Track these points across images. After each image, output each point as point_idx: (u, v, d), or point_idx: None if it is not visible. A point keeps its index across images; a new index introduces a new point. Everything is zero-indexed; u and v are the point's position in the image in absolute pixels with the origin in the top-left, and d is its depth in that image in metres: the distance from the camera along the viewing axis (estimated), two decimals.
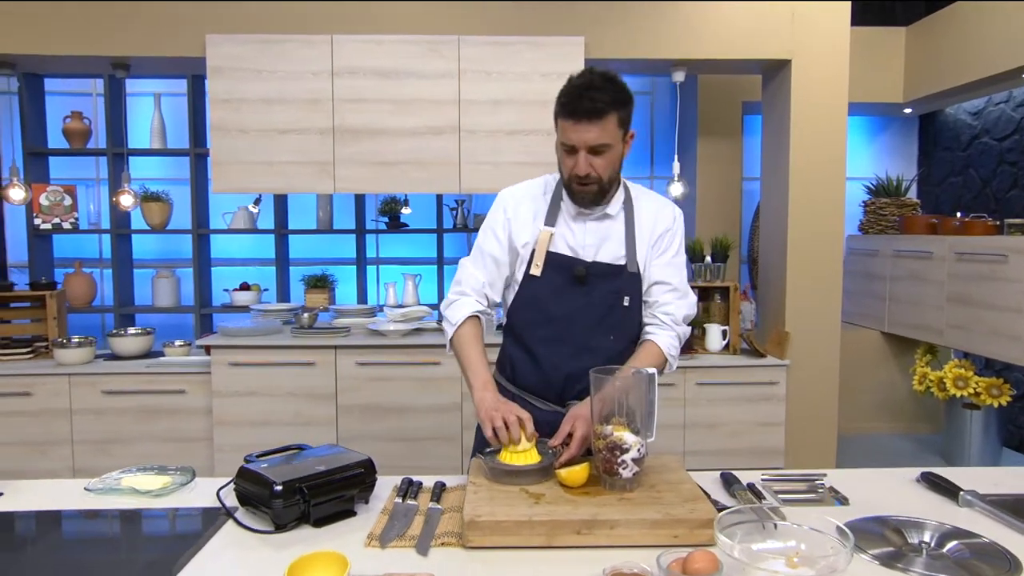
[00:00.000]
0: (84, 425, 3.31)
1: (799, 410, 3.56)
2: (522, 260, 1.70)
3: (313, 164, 3.39)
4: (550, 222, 1.69)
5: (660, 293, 1.71)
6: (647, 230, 1.72)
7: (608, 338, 1.68)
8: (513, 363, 1.74)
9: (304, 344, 3.32)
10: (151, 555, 1.27)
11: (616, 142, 1.59)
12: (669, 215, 1.75)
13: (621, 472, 1.38)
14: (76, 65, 3.60)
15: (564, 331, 1.67)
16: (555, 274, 1.66)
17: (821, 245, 3.55)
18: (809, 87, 3.47)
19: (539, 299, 1.68)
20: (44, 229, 4.22)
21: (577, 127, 1.53)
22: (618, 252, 1.68)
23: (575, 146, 1.56)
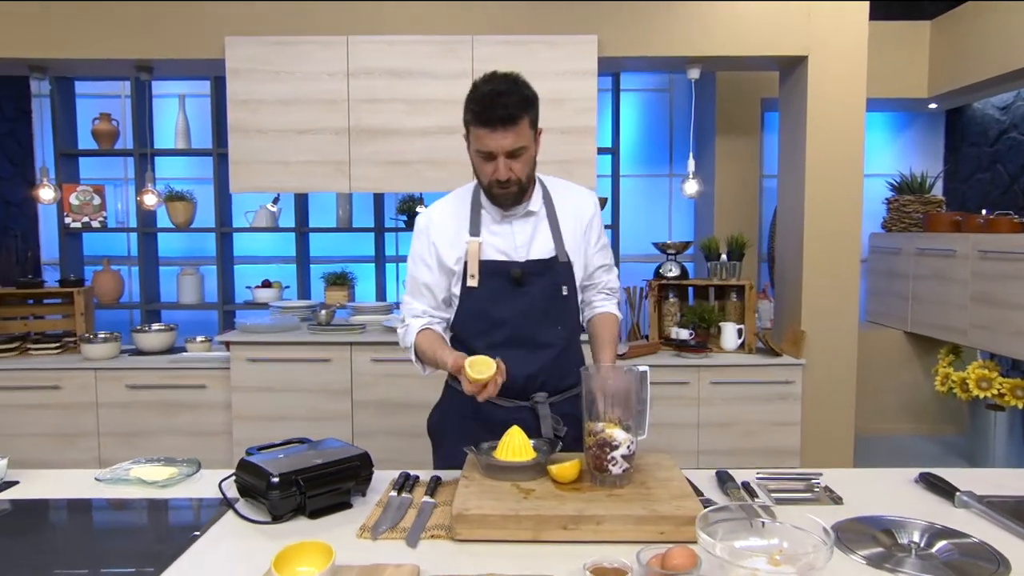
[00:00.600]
0: (109, 418, 3.41)
1: (815, 410, 3.53)
2: (457, 276, 1.73)
3: (329, 164, 3.44)
4: (474, 232, 1.71)
5: (600, 274, 1.86)
6: (571, 219, 1.77)
7: (556, 329, 1.72)
8: None
9: (320, 341, 3.38)
10: (152, 543, 1.31)
11: (530, 143, 1.64)
12: (589, 202, 1.82)
13: (611, 469, 1.39)
14: (102, 68, 3.71)
15: (513, 333, 1.69)
16: (492, 280, 1.69)
17: (838, 243, 3.50)
18: (826, 84, 3.43)
19: (482, 308, 1.70)
20: (74, 228, 4.35)
21: (493, 135, 1.57)
22: (548, 246, 1.72)
23: (493, 152, 1.59)
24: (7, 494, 1.51)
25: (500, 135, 1.56)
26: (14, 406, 3.38)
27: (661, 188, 4.94)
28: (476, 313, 1.71)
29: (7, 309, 3.71)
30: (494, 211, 1.71)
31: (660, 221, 4.97)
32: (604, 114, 4.64)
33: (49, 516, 1.41)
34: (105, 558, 1.24)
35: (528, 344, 1.69)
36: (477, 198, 1.73)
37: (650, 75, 4.84)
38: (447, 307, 1.77)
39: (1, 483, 1.55)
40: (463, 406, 1.74)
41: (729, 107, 4.45)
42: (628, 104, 4.85)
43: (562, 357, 1.72)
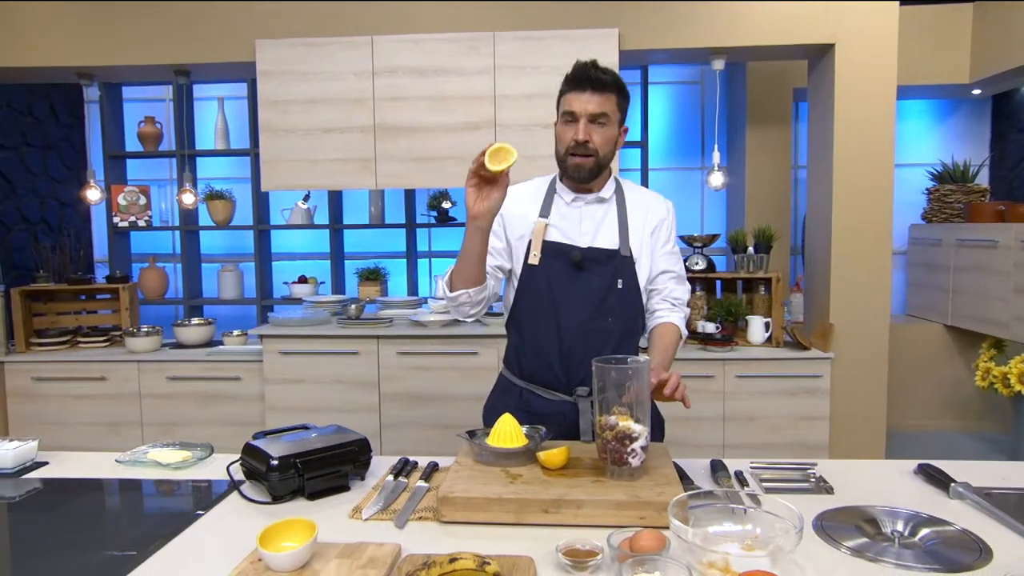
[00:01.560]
0: (152, 408, 3.57)
1: (845, 405, 3.46)
2: (519, 253, 1.77)
3: (356, 161, 3.53)
4: (544, 213, 1.75)
5: (666, 281, 1.83)
6: (640, 217, 1.79)
7: (607, 320, 1.74)
8: (519, 354, 1.80)
9: (347, 334, 3.47)
10: (160, 520, 1.40)
11: (614, 120, 1.68)
12: (663, 206, 1.84)
13: (631, 461, 1.39)
14: (143, 74, 3.88)
15: (565, 315, 1.72)
16: (553, 261, 1.73)
17: (868, 235, 3.43)
18: (854, 72, 3.36)
19: (539, 287, 1.74)
20: (121, 227, 4.56)
21: (580, 96, 1.65)
22: (612, 237, 1.75)
23: (576, 114, 1.65)
24: (37, 473, 1.63)
25: (587, 98, 1.63)
26: (65, 396, 3.58)
27: (693, 181, 4.90)
28: (533, 291, 1.74)
29: (60, 304, 3.92)
30: (566, 194, 1.75)
31: (692, 214, 4.93)
32: (633, 108, 4.63)
33: (72, 493, 1.51)
34: (115, 533, 1.33)
35: (578, 327, 1.71)
36: (553, 185, 1.79)
37: (681, 67, 4.80)
38: (500, 275, 1.79)
39: (32, 463, 1.67)
40: (509, 396, 1.82)
41: (760, 97, 4.39)
42: (659, 97, 4.83)
43: (609, 352, 1.67)
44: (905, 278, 4.80)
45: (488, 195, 1.55)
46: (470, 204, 1.55)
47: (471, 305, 1.71)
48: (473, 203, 1.55)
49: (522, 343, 1.79)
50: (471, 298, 1.69)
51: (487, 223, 1.58)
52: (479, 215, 1.55)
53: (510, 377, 1.84)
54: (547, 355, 1.74)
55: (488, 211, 1.55)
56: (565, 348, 1.72)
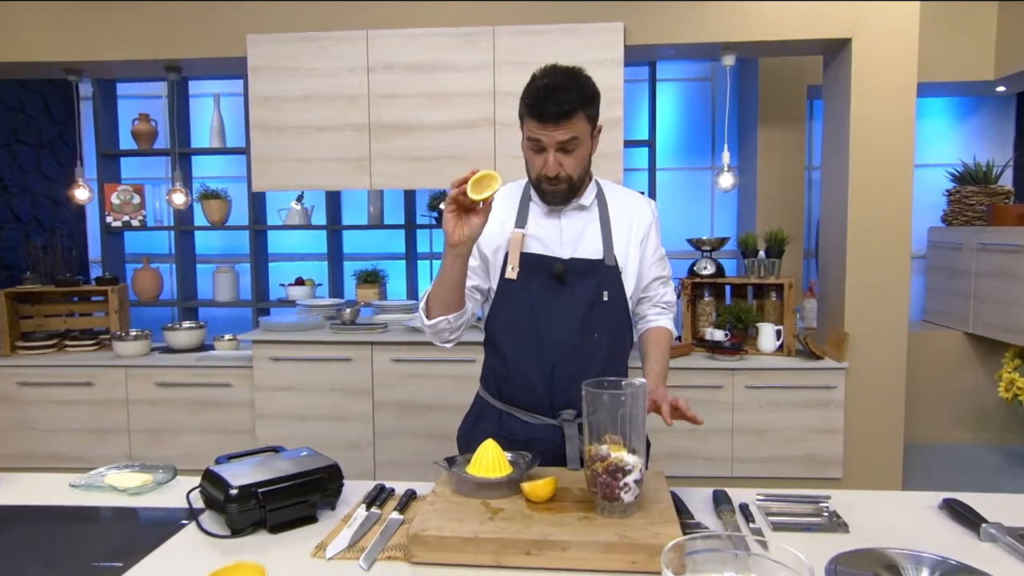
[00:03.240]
0: (139, 415, 3.47)
1: (860, 417, 3.31)
2: (495, 268, 1.65)
3: (350, 160, 3.42)
4: (520, 223, 1.63)
5: (657, 286, 1.74)
6: (625, 223, 1.67)
7: (593, 335, 1.61)
8: (496, 375, 1.67)
9: (340, 340, 3.36)
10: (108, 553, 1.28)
11: (585, 139, 1.55)
12: (647, 209, 1.72)
13: (623, 496, 1.27)
14: (132, 70, 3.78)
15: (548, 332, 1.59)
16: (532, 275, 1.60)
17: (886, 239, 3.28)
18: (872, 68, 3.21)
19: (518, 303, 1.61)
20: (115, 227, 4.47)
21: (544, 128, 1.50)
22: (595, 247, 1.62)
23: (542, 143, 1.52)
24: None
25: (551, 129, 1.49)
26: (51, 402, 3.49)
27: (703, 181, 4.76)
28: (511, 307, 1.62)
29: (49, 307, 3.83)
30: (543, 205, 1.64)
31: (702, 216, 4.78)
32: (640, 106, 4.51)
33: (15, 523, 1.40)
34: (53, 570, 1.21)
35: (561, 346, 1.59)
36: (528, 191, 1.66)
37: (691, 64, 4.66)
38: (478, 296, 1.68)
39: None
40: (487, 420, 1.69)
41: (773, 95, 4.24)
42: (667, 94, 4.69)
43: (597, 370, 1.57)
44: (923, 283, 4.64)
45: (468, 221, 1.44)
46: (449, 231, 1.44)
47: (450, 331, 1.61)
48: (452, 230, 1.44)
49: (501, 363, 1.66)
50: (450, 324, 1.58)
51: (467, 250, 1.49)
52: (459, 243, 1.45)
53: (488, 399, 1.72)
54: (529, 375, 1.61)
55: (468, 238, 1.45)
56: (548, 367, 1.59)
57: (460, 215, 1.44)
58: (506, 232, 1.63)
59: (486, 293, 1.69)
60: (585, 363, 1.59)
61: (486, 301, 1.70)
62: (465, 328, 1.63)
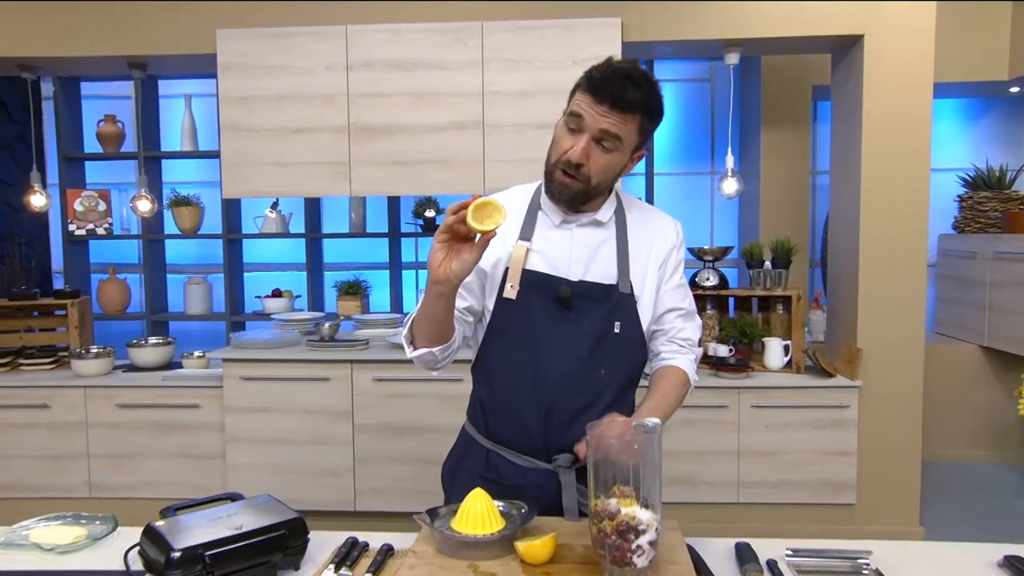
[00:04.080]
0: (100, 439, 3.28)
1: (875, 438, 3.17)
2: (493, 284, 1.46)
3: (327, 165, 3.24)
4: (525, 235, 1.45)
5: (673, 319, 1.52)
6: (645, 245, 1.49)
7: (599, 372, 1.43)
8: (485, 409, 1.50)
9: (316, 358, 3.18)
10: None
11: (626, 147, 1.38)
12: (672, 230, 1.54)
13: (636, 561, 1.10)
14: (93, 67, 3.60)
15: (547, 364, 1.42)
16: (534, 296, 1.42)
17: (901, 248, 3.14)
18: (885, 67, 3.07)
19: (515, 327, 1.43)
20: (78, 235, 4.28)
21: (595, 107, 1.33)
22: (609, 269, 1.44)
23: (583, 123, 1.34)
24: None
25: (602, 111, 1.32)
26: (3, 425, 3.28)
27: (702, 187, 4.62)
28: (507, 332, 1.44)
29: (5, 321, 3.62)
30: (554, 214, 1.46)
31: (701, 223, 4.64)
32: None
33: None
34: None
35: (561, 381, 1.41)
36: (537, 199, 1.49)
37: (689, 63, 4.53)
38: (470, 318, 1.49)
39: None
40: (474, 458, 1.52)
41: (776, 96, 4.11)
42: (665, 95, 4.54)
43: (599, 412, 1.40)
44: (934, 293, 4.51)
45: (459, 256, 1.25)
46: (434, 265, 1.25)
47: (436, 362, 1.43)
48: (439, 264, 1.25)
49: (490, 394, 1.48)
50: (435, 356, 1.41)
51: (452, 289, 1.29)
52: (443, 280, 1.25)
53: (474, 434, 1.54)
54: (522, 412, 1.43)
55: (456, 276, 1.25)
56: (545, 404, 1.41)
57: (451, 247, 1.25)
58: (508, 244, 1.45)
59: (480, 314, 1.51)
60: (587, 402, 1.42)
61: (480, 322, 1.52)
62: (453, 357, 1.46)
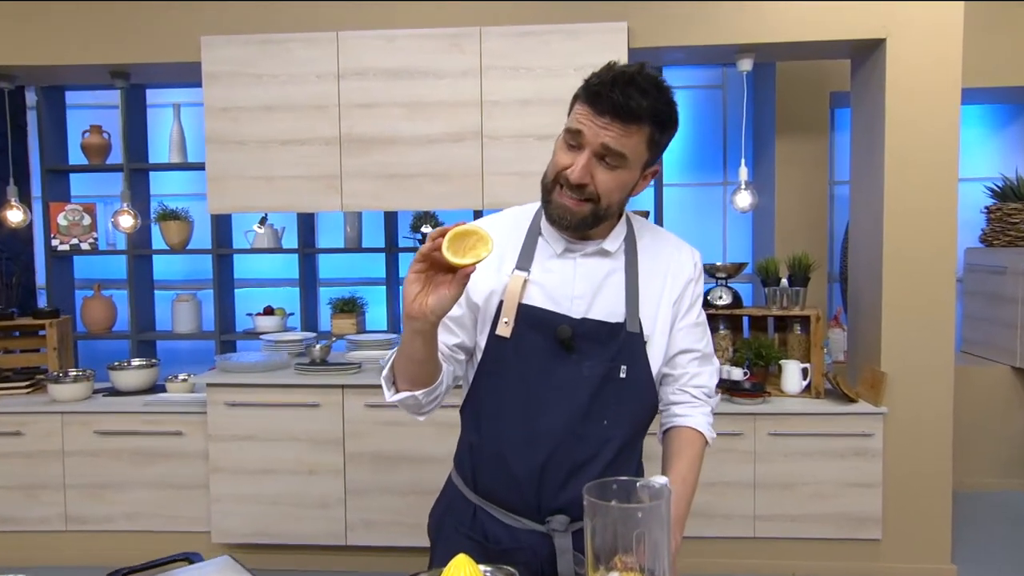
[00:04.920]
0: (77, 469, 3.17)
1: (901, 468, 3.02)
2: (485, 318, 1.33)
3: (318, 179, 3.14)
4: (523, 265, 1.32)
5: (687, 363, 1.37)
6: (659, 278, 1.35)
7: (601, 423, 1.30)
8: (473, 458, 1.37)
9: (308, 383, 3.07)
10: None
11: (635, 162, 1.23)
12: (689, 260, 1.40)
13: None
14: (73, 75, 3.53)
15: (544, 413, 1.29)
16: (530, 335, 1.29)
17: (927, 264, 3.01)
18: (909, 72, 2.95)
19: (508, 369, 1.31)
20: (61, 250, 4.19)
21: (595, 119, 1.19)
22: (616, 306, 1.31)
23: (582, 139, 1.21)
24: None
25: (604, 123, 1.19)
26: None
27: (714, 199, 4.49)
28: (499, 375, 1.31)
29: None
30: (555, 241, 1.33)
31: (713, 238, 4.51)
32: None
33: None
34: None
35: (559, 433, 1.28)
36: (537, 223, 1.36)
37: (700, 69, 4.41)
38: (461, 356, 1.37)
39: None
40: (460, 513, 1.39)
41: (792, 104, 3.99)
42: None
43: (600, 468, 1.28)
44: (961, 310, 4.36)
45: (436, 290, 1.12)
46: (408, 298, 1.13)
47: (421, 406, 1.30)
48: (413, 297, 1.12)
49: (480, 444, 1.36)
50: (418, 401, 1.28)
51: (430, 327, 1.16)
52: (418, 316, 1.13)
53: (461, 487, 1.41)
54: (514, 466, 1.30)
55: (433, 312, 1.13)
56: (539, 459, 1.29)
57: (428, 278, 1.13)
58: (504, 274, 1.32)
59: (472, 352, 1.38)
60: (587, 457, 1.29)
61: (470, 360, 1.39)
62: (443, 399, 1.34)
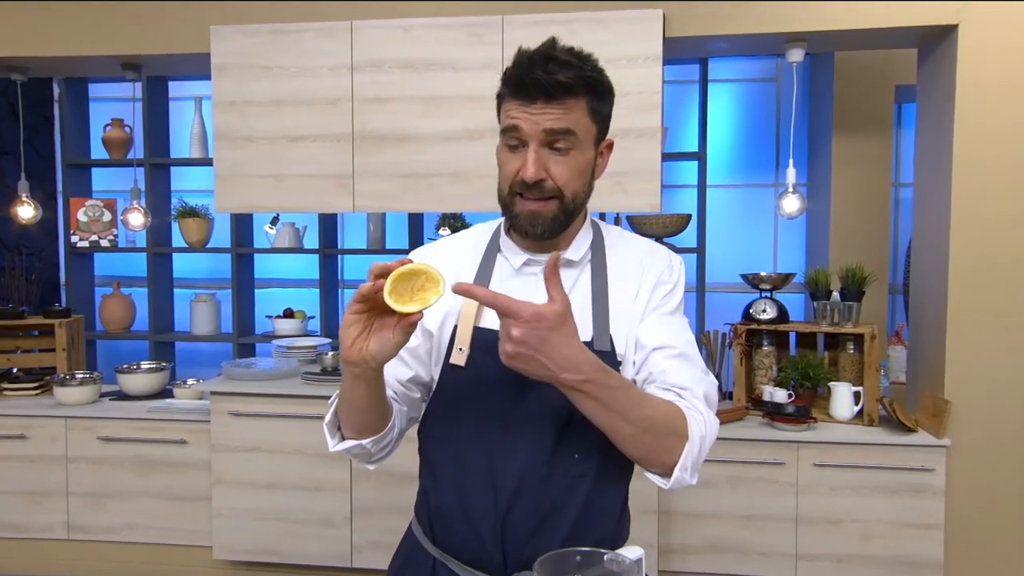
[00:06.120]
0: (80, 475, 3.15)
1: (966, 508, 2.78)
2: (440, 347, 1.22)
3: (329, 177, 3.05)
4: (480, 282, 1.20)
5: (660, 360, 1.17)
6: (630, 288, 1.21)
7: (572, 456, 1.16)
8: (430, 506, 1.24)
9: (313, 394, 2.98)
10: None
11: (586, 139, 1.13)
12: (662, 261, 1.25)
13: None
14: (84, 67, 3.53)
15: (503, 453, 1.16)
16: (488, 362, 1.15)
17: (999, 277, 2.75)
18: (983, 62, 2.70)
19: (464, 401, 1.18)
20: (81, 247, 4.21)
21: (526, 107, 1.09)
22: (582, 323, 1.14)
23: (522, 134, 1.10)
24: None
25: (536, 109, 1.09)
26: None
27: (765, 202, 4.25)
28: (456, 407, 1.19)
29: None
30: (514, 254, 1.22)
31: (763, 245, 4.28)
32: (689, 111, 4.05)
33: None
34: None
35: (524, 471, 1.15)
36: (496, 239, 1.26)
37: (753, 61, 4.19)
38: (416, 394, 1.27)
39: None
40: (419, 567, 1.26)
41: (851, 98, 3.73)
42: (723, 97, 4.22)
43: (575, 512, 1.15)
44: None
45: (379, 333, 1.02)
46: (345, 343, 1.02)
47: (370, 455, 1.19)
48: (351, 342, 1.01)
49: (435, 489, 1.22)
50: (366, 450, 1.17)
51: (372, 373, 1.05)
52: (357, 361, 1.02)
53: (420, 537, 1.28)
54: (473, 515, 1.17)
55: (373, 359, 1.02)
56: (502, 505, 1.15)
57: (368, 321, 1.02)
58: (458, 297, 1.20)
59: (430, 386, 1.26)
60: (557, 501, 1.15)
61: (428, 395, 1.27)
62: (396, 445, 1.21)
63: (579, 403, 1.02)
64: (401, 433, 1.22)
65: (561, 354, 0.97)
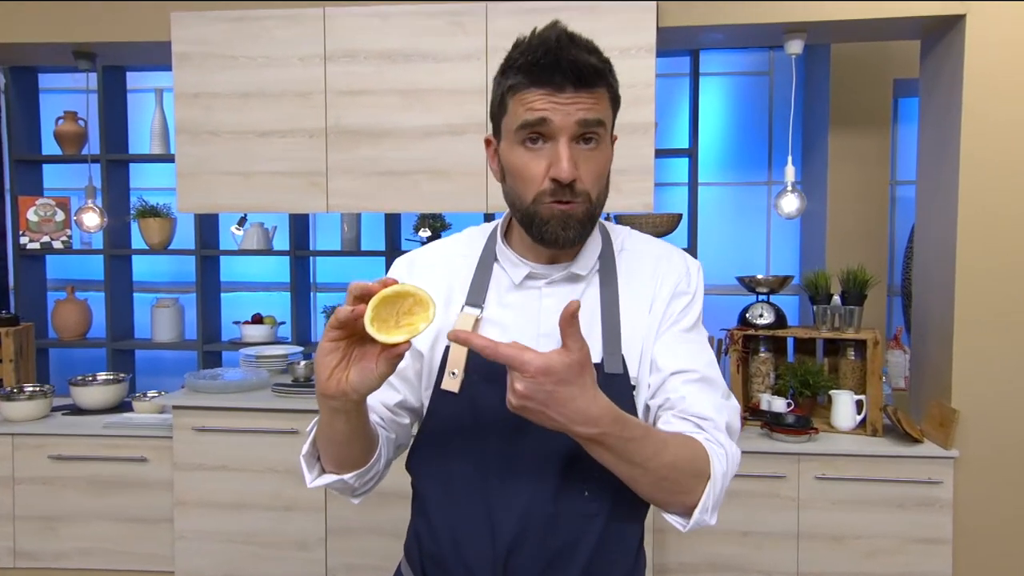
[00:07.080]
0: (28, 498, 2.99)
1: (975, 522, 2.73)
2: (431, 370, 1.11)
3: (300, 175, 2.93)
4: (474, 300, 1.09)
5: (679, 384, 1.07)
6: (643, 300, 1.10)
7: (580, 494, 1.06)
8: (422, 548, 1.14)
9: (284, 407, 2.86)
10: None
11: (608, 132, 1.04)
12: (678, 268, 1.14)
13: None
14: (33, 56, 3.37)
15: (503, 491, 1.06)
16: (484, 389, 1.05)
17: (1009, 279, 2.71)
18: (992, 54, 2.65)
19: (458, 433, 1.08)
20: (31, 249, 4.03)
21: (555, 96, 0.98)
22: (593, 343, 1.04)
23: (551, 127, 0.99)
24: None
25: (567, 98, 0.98)
26: None
27: (758, 201, 4.19)
28: (448, 439, 1.09)
29: None
30: (515, 268, 1.11)
31: (756, 245, 4.21)
32: (679, 106, 3.98)
33: None
34: None
35: (526, 508, 1.05)
36: (492, 248, 1.14)
37: (744, 53, 4.12)
38: (406, 420, 1.16)
39: None
40: None
41: (848, 92, 3.69)
42: (714, 91, 4.15)
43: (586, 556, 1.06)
44: None
45: (361, 362, 0.92)
46: (321, 375, 0.92)
47: (353, 490, 1.09)
48: (328, 374, 0.91)
49: (428, 531, 1.12)
50: (348, 485, 1.06)
51: (352, 405, 0.95)
52: (336, 395, 0.92)
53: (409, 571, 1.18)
54: (471, 560, 1.07)
55: (355, 392, 0.92)
56: (502, 550, 1.05)
57: (348, 349, 0.91)
58: (452, 313, 1.10)
59: (420, 412, 1.15)
60: (566, 543, 1.05)
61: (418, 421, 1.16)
62: (381, 477, 1.11)
63: (594, 453, 0.95)
64: (388, 463, 1.12)
65: (573, 408, 0.88)
